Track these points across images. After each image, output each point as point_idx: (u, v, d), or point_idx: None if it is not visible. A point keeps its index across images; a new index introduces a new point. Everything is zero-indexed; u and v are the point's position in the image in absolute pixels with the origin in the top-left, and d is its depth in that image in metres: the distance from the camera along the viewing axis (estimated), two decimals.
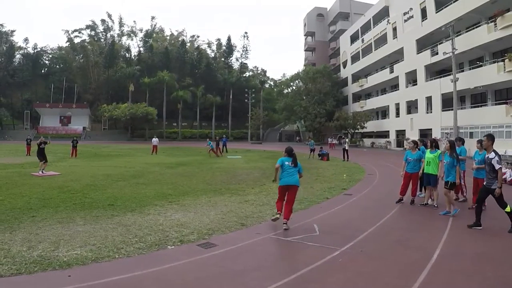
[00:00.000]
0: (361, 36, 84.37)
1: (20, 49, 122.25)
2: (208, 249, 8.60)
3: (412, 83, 64.32)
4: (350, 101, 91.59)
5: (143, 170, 26.15)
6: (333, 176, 23.49)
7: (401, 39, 66.26)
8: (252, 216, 11.91)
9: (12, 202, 13.79)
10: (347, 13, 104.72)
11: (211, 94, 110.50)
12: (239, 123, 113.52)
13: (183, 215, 11.84)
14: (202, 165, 30.38)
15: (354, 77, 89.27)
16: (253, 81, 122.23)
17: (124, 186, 18.30)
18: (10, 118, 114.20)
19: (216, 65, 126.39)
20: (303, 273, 7.15)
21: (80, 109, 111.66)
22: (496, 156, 10.37)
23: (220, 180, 20.90)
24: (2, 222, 10.77)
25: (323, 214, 12.12)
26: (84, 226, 10.41)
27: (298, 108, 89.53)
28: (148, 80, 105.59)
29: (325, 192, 16.73)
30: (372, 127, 77.70)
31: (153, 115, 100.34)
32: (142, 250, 8.49)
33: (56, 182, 19.53)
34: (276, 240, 9.53)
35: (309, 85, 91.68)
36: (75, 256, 7.91)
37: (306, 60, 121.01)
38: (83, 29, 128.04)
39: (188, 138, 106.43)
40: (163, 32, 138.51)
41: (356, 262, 7.82)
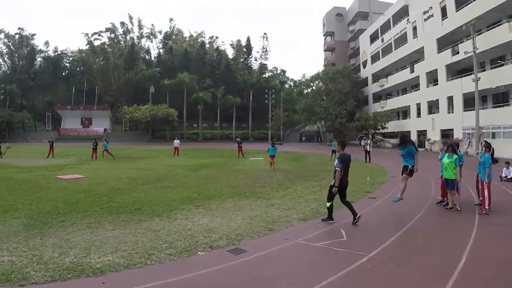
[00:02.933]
0: (381, 36, 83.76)
1: (41, 52, 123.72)
2: (238, 255, 8.64)
3: (433, 82, 63.59)
4: (371, 101, 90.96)
5: (167, 172, 26.25)
6: (356, 178, 23.16)
7: (421, 38, 65.61)
8: (279, 220, 11.92)
9: (40, 206, 13.95)
10: (366, 13, 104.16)
11: (231, 95, 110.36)
12: (259, 123, 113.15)
13: (210, 220, 11.90)
14: (225, 168, 30.58)
15: (374, 77, 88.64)
16: (272, 82, 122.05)
17: (149, 189, 18.42)
18: (32, 120, 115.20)
19: (236, 66, 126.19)
20: (332, 280, 7.17)
21: (101, 111, 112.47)
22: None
23: (244, 183, 20.95)
24: (32, 227, 10.90)
25: (349, 219, 11.95)
26: (113, 231, 10.52)
27: (319, 108, 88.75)
28: (168, 82, 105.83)
29: (350, 195, 16.44)
30: (393, 127, 76.80)
31: (173, 116, 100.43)
32: (173, 256, 8.56)
33: (82, 185, 19.69)
34: (304, 245, 9.53)
35: (329, 85, 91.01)
36: (107, 263, 8.00)
37: (325, 60, 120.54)
38: (102, 32, 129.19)
39: (208, 139, 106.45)
40: (182, 34, 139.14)
41: (384, 269, 7.83)
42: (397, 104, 77.92)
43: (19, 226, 11.07)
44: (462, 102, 53.01)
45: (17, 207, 13.80)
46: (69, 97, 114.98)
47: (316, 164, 32.81)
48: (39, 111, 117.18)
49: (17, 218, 12.09)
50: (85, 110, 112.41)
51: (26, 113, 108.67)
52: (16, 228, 10.79)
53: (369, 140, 42.43)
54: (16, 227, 10.90)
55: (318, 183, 20.73)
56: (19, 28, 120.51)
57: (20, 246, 9.15)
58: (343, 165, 11.83)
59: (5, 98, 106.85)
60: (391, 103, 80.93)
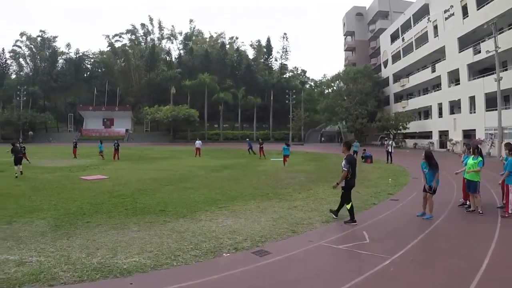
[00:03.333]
0: (402, 35, 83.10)
1: (62, 54, 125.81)
2: (263, 257, 8.68)
3: (454, 82, 62.86)
4: (392, 101, 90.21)
5: (189, 173, 26.32)
6: (378, 179, 23.28)
7: (442, 37, 64.95)
8: (302, 223, 11.91)
9: (65, 207, 14.14)
10: (387, 12, 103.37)
11: (252, 96, 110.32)
12: (280, 124, 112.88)
13: (234, 222, 11.96)
14: (247, 169, 30.55)
15: (395, 76, 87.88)
16: (293, 82, 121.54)
17: (172, 190, 18.51)
18: (54, 121, 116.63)
19: (256, 66, 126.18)
20: (356, 282, 7.18)
21: (123, 112, 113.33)
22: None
23: (266, 184, 20.94)
24: (58, 228, 11.06)
25: (372, 221, 12.09)
26: (139, 232, 10.63)
27: (340, 108, 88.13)
28: (189, 83, 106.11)
29: (372, 197, 16.61)
30: (414, 127, 76.10)
31: (194, 117, 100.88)
32: (199, 257, 8.63)
33: (106, 186, 19.90)
34: (328, 248, 9.55)
35: (350, 85, 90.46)
36: (134, 263, 8.10)
37: (346, 60, 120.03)
38: (123, 34, 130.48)
39: (229, 139, 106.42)
40: (202, 35, 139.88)
41: (407, 271, 7.84)
42: (419, 104, 77.14)
43: (45, 226, 11.24)
44: (484, 102, 52.38)
45: (42, 208, 14.02)
46: (90, 98, 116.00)
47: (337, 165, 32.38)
48: (61, 112, 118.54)
49: (43, 218, 12.28)
50: (107, 111, 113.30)
51: (48, 114, 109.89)
52: (42, 229, 10.96)
53: (391, 140, 42.21)
54: (42, 228, 11.07)
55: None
56: (41, 31, 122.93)
57: (47, 246, 9.30)
58: (350, 165, 12.03)
59: (28, 100, 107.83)
60: (413, 103, 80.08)
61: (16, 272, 7.56)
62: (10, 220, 12.05)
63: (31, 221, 11.86)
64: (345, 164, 12.05)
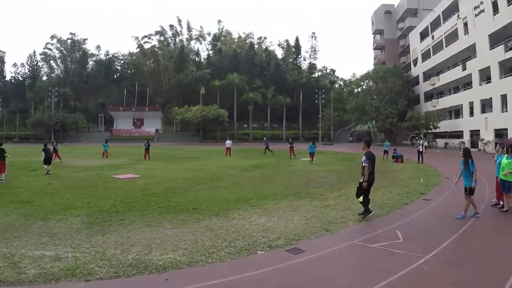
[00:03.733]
0: (431, 33, 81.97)
1: (92, 56, 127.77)
2: (297, 255, 8.67)
3: (485, 80, 61.72)
4: (422, 100, 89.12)
5: (220, 173, 26.44)
6: (409, 179, 23.06)
7: (472, 34, 63.79)
8: (335, 221, 11.88)
9: (99, 205, 14.37)
10: (415, 9, 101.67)
11: (281, 95, 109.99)
12: (309, 124, 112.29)
13: (267, 220, 11.97)
14: (278, 168, 30.52)
15: (426, 75, 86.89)
16: (322, 82, 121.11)
17: (204, 189, 18.61)
18: (85, 121, 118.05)
19: (285, 66, 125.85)
20: (391, 280, 7.15)
21: (153, 112, 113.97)
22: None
23: (298, 184, 20.90)
24: (93, 225, 11.24)
25: (405, 220, 12.00)
26: (173, 230, 10.72)
27: (369, 108, 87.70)
28: (218, 83, 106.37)
29: (404, 197, 16.46)
30: (445, 127, 75.18)
31: (224, 117, 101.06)
32: (233, 255, 8.67)
33: (138, 185, 20.13)
34: (362, 246, 9.52)
35: (379, 84, 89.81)
36: (169, 260, 8.18)
37: (375, 59, 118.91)
38: (152, 35, 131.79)
39: (259, 139, 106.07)
40: (231, 35, 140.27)
41: (441, 271, 7.75)
42: (449, 103, 76.03)
43: (79, 223, 11.43)
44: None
45: (76, 205, 14.27)
46: (121, 98, 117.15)
47: None
48: (92, 113, 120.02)
49: (78, 216, 12.49)
50: (136, 111, 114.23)
51: (79, 114, 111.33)
52: (77, 226, 11.14)
53: (422, 140, 41.79)
54: (77, 225, 11.26)
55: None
56: (71, 33, 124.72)
57: (82, 242, 9.46)
58: (370, 161, 12.18)
59: (59, 101, 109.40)
60: (443, 102, 79.05)
61: (53, 267, 7.71)
62: (45, 217, 12.30)
63: (65, 218, 12.08)
64: (365, 159, 12.24)
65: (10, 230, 10.64)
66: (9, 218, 12.17)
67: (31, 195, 16.57)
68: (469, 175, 12.48)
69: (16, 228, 10.82)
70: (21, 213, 12.89)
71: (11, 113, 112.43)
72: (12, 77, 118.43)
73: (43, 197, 16.04)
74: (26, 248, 9.01)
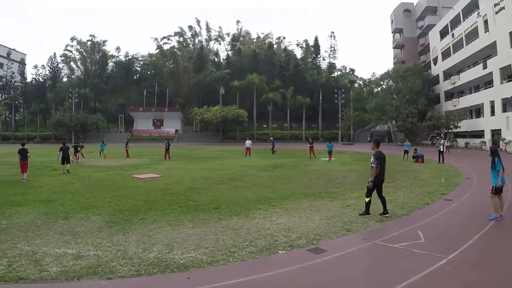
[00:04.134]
0: (451, 31, 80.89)
1: (112, 57, 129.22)
2: (319, 255, 8.63)
3: (507, 79, 60.89)
4: (442, 99, 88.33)
5: (240, 173, 26.50)
6: (430, 179, 22.87)
7: (493, 32, 62.79)
8: (356, 221, 11.82)
9: (120, 204, 14.49)
10: (435, 7, 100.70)
11: (301, 95, 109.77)
12: (329, 124, 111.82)
13: (288, 220, 11.93)
14: (297, 168, 30.42)
15: (446, 74, 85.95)
16: (342, 81, 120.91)
17: (225, 189, 18.67)
18: (105, 122, 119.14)
19: (304, 66, 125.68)
20: (413, 281, 7.08)
21: (172, 112, 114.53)
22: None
23: (318, 184, 20.85)
24: (114, 224, 11.33)
25: (426, 221, 11.89)
26: (194, 229, 10.74)
27: (389, 107, 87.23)
28: (237, 83, 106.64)
29: (425, 197, 16.33)
30: (465, 126, 74.36)
31: (243, 117, 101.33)
32: (254, 254, 8.67)
33: (158, 184, 20.27)
34: (383, 246, 9.44)
35: (399, 83, 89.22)
36: (191, 259, 8.19)
37: (395, 58, 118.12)
38: (171, 36, 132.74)
39: (278, 139, 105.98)
40: (250, 35, 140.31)
41: (464, 272, 7.67)
42: (470, 102, 75.14)
43: (101, 222, 11.53)
44: None
45: (97, 205, 14.40)
46: (140, 99, 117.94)
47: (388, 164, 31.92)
48: (112, 113, 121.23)
49: (99, 214, 12.61)
50: (156, 112, 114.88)
51: (99, 115, 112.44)
52: (98, 224, 11.25)
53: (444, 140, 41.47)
54: (98, 224, 11.37)
55: (392, 184, 20.31)
56: (91, 35, 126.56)
57: (104, 241, 9.53)
58: (379, 161, 12.44)
59: (80, 102, 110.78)
60: (464, 101, 78.18)
61: (74, 265, 7.78)
62: (66, 215, 12.44)
63: (87, 217, 12.20)
64: (374, 160, 12.44)
65: (32, 228, 10.77)
66: (31, 216, 12.32)
67: (52, 194, 16.78)
68: (496, 174, 12.33)
69: (38, 227, 10.94)
70: (42, 211, 13.04)
71: (32, 114, 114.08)
72: (33, 78, 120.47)
73: (64, 196, 16.23)
74: (48, 246, 9.11)
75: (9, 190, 18.12)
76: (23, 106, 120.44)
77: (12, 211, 13.18)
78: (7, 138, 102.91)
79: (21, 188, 18.75)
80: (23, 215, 12.52)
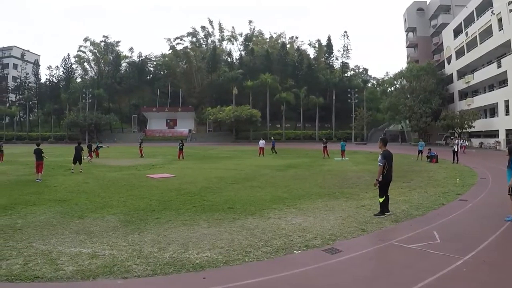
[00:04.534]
0: (465, 30, 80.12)
1: (125, 58, 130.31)
2: (334, 255, 8.59)
3: None
4: (456, 99, 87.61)
5: (254, 172, 26.51)
6: (445, 179, 22.69)
7: (507, 30, 62.02)
8: (372, 221, 11.75)
9: (134, 204, 14.54)
10: (448, 6, 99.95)
11: (314, 95, 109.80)
12: (342, 123, 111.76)
13: (303, 220, 11.90)
14: (312, 168, 30.38)
15: (460, 73, 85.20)
16: (355, 81, 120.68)
17: (239, 189, 18.68)
18: (119, 122, 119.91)
19: (318, 65, 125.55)
20: (429, 282, 7.01)
21: (185, 112, 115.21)
22: None
23: (333, 184, 20.79)
24: (129, 223, 11.38)
25: (441, 221, 11.76)
26: (209, 229, 10.74)
27: (403, 107, 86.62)
28: (251, 83, 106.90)
29: (440, 197, 16.18)
30: (480, 126, 73.71)
31: (257, 117, 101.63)
32: (270, 254, 8.63)
33: (172, 184, 20.32)
34: (399, 247, 9.37)
35: (413, 83, 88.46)
36: (206, 259, 8.19)
37: (408, 57, 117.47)
38: (184, 37, 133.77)
39: (292, 139, 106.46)
40: (263, 35, 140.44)
41: (480, 273, 7.58)
42: (484, 101, 74.37)
43: (116, 222, 11.59)
44: None
45: (112, 204, 14.50)
46: (154, 99, 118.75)
47: (402, 165, 32.14)
48: (125, 113, 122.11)
49: (114, 214, 12.67)
50: (170, 112, 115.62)
51: (113, 115, 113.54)
52: (113, 224, 11.31)
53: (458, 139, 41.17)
54: (113, 223, 11.43)
55: (407, 184, 20.28)
56: (104, 36, 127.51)
57: (119, 240, 9.57)
58: (386, 160, 12.45)
59: (93, 102, 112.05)
60: (478, 100, 77.41)
61: (90, 264, 7.81)
62: (81, 215, 12.52)
63: (102, 216, 12.28)
64: (381, 159, 12.42)
65: (47, 227, 10.84)
66: (46, 216, 12.40)
67: (67, 194, 16.91)
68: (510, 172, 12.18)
69: (53, 226, 11.02)
70: (58, 211, 13.13)
71: (46, 115, 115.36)
72: (47, 79, 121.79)
73: (79, 196, 16.35)
74: (64, 245, 9.16)
75: (24, 189, 18.29)
76: (37, 107, 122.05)
77: (27, 210, 13.29)
78: (22, 138, 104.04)
79: (36, 188, 18.89)
80: (38, 214, 12.61)
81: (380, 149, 12.80)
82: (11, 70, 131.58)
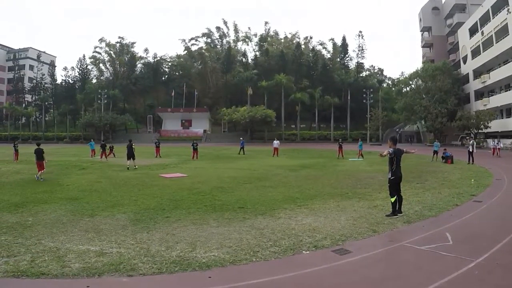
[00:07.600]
0: (480, 29, 79.42)
1: (141, 59, 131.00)
2: (343, 256, 8.51)
3: None
4: (472, 99, 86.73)
5: (267, 172, 26.44)
6: (459, 180, 22.46)
7: None
8: (383, 222, 11.63)
9: (145, 203, 14.58)
10: (464, 5, 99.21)
11: (329, 95, 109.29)
12: (357, 124, 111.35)
13: (314, 220, 11.81)
14: (325, 168, 30.29)
15: (476, 72, 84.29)
16: (370, 81, 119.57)
17: (251, 188, 18.63)
18: (134, 122, 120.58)
19: (332, 66, 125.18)
20: (440, 284, 6.92)
21: (200, 113, 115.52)
22: None
23: (346, 184, 20.70)
24: (138, 222, 11.41)
25: (454, 222, 11.61)
26: (218, 228, 10.71)
27: (418, 107, 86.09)
28: (265, 84, 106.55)
29: (454, 198, 15.98)
30: (496, 126, 73.04)
31: (271, 118, 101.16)
32: (278, 254, 8.57)
33: (185, 183, 20.36)
34: (410, 248, 9.26)
35: (428, 83, 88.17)
36: (213, 258, 8.15)
37: (424, 56, 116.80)
38: (199, 37, 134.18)
39: (306, 139, 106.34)
40: (278, 36, 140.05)
41: (493, 275, 7.44)
42: (501, 101, 73.65)
43: (126, 220, 11.64)
44: None
45: (123, 203, 14.55)
46: (169, 100, 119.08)
47: (417, 165, 31.93)
48: (140, 114, 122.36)
49: (124, 213, 12.71)
50: (185, 113, 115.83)
51: (128, 115, 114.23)
52: (123, 222, 11.34)
53: (472, 140, 40.83)
54: (123, 221, 11.46)
55: (421, 184, 20.15)
56: (119, 37, 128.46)
57: (127, 239, 9.61)
58: (394, 152, 12.68)
59: (109, 102, 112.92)
60: (494, 100, 76.71)
61: (96, 261, 7.85)
62: (92, 213, 12.59)
63: (112, 215, 12.33)
64: (391, 152, 12.63)
65: (57, 225, 10.92)
66: (57, 214, 12.50)
67: (79, 193, 17.00)
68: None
69: (63, 224, 11.10)
70: (68, 209, 13.21)
71: (62, 115, 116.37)
72: (63, 80, 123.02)
73: (91, 195, 16.43)
74: (72, 242, 9.23)
75: (37, 188, 18.49)
76: (53, 107, 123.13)
77: (38, 208, 13.40)
78: (38, 138, 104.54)
79: (48, 186, 19.04)
80: (49, 212, 12.72)
81: (390, 147, 12.79)
82: (27, 71, 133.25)
